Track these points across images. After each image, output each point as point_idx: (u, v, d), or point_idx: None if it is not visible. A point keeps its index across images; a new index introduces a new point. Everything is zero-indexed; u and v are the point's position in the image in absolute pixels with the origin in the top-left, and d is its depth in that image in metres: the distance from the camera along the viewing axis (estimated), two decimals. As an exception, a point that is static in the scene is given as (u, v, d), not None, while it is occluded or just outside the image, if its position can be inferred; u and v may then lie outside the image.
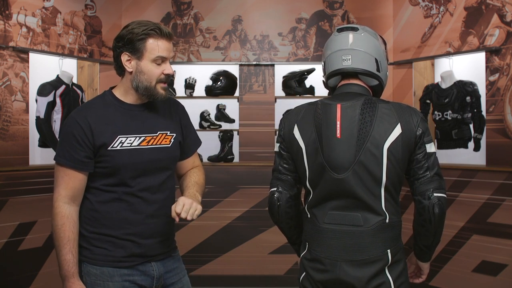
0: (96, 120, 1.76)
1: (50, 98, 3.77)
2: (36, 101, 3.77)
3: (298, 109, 1.77)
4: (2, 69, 3.56)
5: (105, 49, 4.38)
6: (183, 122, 1.95)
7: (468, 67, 3.93)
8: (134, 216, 1.78)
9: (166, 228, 1.85)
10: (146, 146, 1.80)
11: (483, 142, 3.75)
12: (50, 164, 3.89)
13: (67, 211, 1.73)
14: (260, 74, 4.54)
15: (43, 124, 3.74)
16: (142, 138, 1.79)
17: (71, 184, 1.74)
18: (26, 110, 3.75)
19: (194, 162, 2.01)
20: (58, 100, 3.83)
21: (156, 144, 1.82)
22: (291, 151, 1.74)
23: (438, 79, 4.11)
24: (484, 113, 3.73)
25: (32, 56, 3.79)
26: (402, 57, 4.35)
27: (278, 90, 4.55)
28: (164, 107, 1.90)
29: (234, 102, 4.58)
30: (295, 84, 4.42)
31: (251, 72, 4.54)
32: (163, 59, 1.77)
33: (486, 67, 3.68)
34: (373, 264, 1.61)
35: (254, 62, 4.53)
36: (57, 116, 3.86)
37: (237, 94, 4.55)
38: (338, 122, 1.63)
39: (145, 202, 1.79)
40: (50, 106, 3.78)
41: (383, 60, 1.74)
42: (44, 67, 3.91)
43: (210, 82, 4.47)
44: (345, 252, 1.63)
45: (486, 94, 3.70)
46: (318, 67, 4.38)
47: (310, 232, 1.72)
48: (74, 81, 4.12)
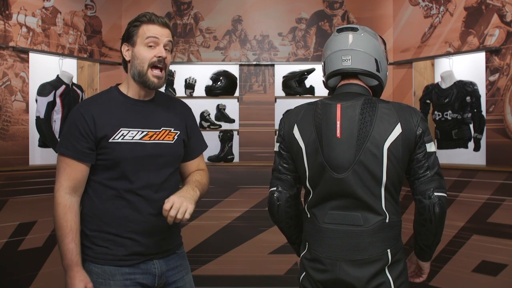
0: (99, 112, 1.77)
1: (50, 98, 3.77)
2: (36, 101, 3.77)
3: (298, 109, 1.77)
4: (2, 69, 3.56)
5: (105, 49, 4.38)
6: (189, 123, 1.95)
7: (468, 67, 3.93)
8: (135, 214, 1.77)
9: (169, 226, 1.82)
10: (148, 140, 1.80)
11: (483, 142, 3.75)
12: (50, 164, 3.92)
13: (69, 201, 1.73)
14: (260, 74, 4.54)
15: (43, 124, 3.74)
16: (145, 133, 1.80)
17: (73, 175, 1.75)
18: (26, 110, 3.75)
19: (199, 165, 2.00)
20: (58, 100, 3.84)
21: (158, 139, 1.82)
22: (291, 151, 1.74)
23: (438, 79, 4.11)
24: (484, 113, 3.73)
25: (32, 56, 3.79)
26: (402, 57, 4.35)
27: (278, 90, 4.55)
28: (170, 106, 1.91)
29: (234, 102, 4.58)
30: (295, 84, 4.42)
31: (251, 72, 4.54)
32: (155, 42, 1.78)
33: (486, 67, 3.68)
34: (373, 264, 1.61)
35: (254, 62, 4.53)
36: (57, 116, 3.86)
37: (237, 94, 4.55)
38: (338, 122, 1.63)
39: (146, 201, 1.78)
40: (50, 106, 3.78)
41: (383, 60, 1.75)
42: (44, 67, 3.91)
43: (210, 82, 4.47)
44: (345, 252, 1.63)
45: (486, 94, 3.70)
46: (318, 67, 4.38)
47: (310, 232, 1.72)
48: (74, 81, 4.12)
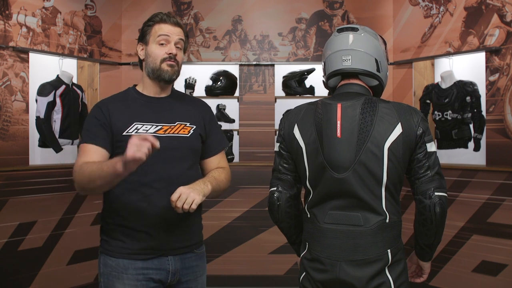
0: (116, 108, 1.83)
1: (50, 98, 3.77)
2: (36, 101, 3.77)
3: (298, 109, 1.77)
4: (2, 69, 3.56)
5: (105, 49, 4.38)
6: (207, 120, 1.96)
7: (468, 67, 3.93)
8: (150, 207, 1.78)
9: (186, 222, 1.83)
10: (163, 134, 1.81)
11: (483, 142, 3.75)
12: (50, 164, 3.92)
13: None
14: (260, 74, 4.54)
15: (43, 124, 3.74)
16: (159, 127, 1.82)
17: (90, 156, 1.75)
18: (26, 110, 3.75)
19: (220, 162, 2.00)
20: (58, 100, 3.84)
21: (173, 133, 1.84)
22: (291, 151, 1.74)
23: (438, 79, 4.11)
24: (484, 113, 3.73)
25: (32, 56, 3.79)
26: (402, 57, 4.35)
27: (278, 90, 4.55)
28: (187, 102, 1.94)
29: (234, 102, 4.58)
30: (295, 84, 4.42)
31: (251, 72, 4.54)
32: (166, 40, 1.84)
33: (486, 67, 3.69)
34: (373, 264, 1.61)
35: (254, 62, 4.53)
36: (57, 116, 3.86)
37: (237, 94, 4.55)
38: (338, 122, 1.63)
39: (161, 194, 1.77)
40: (50, 106, 3.78)
41: (383, 60, 1.74)
42: (44, 67, 3.91)
43: (210, 82, 4.47)
44: (345, 252, 1.62)
45: (486, 94, 3.70)
46: (318, 67, 4.38)
47: (310, 232, 1.72)
48: (74, 81, 4.12)
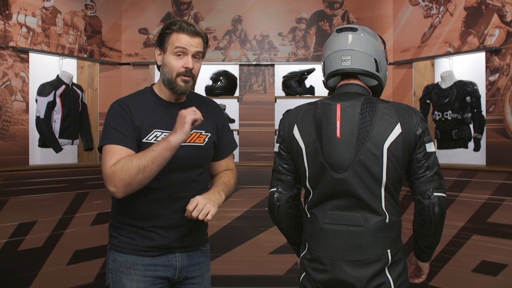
0: (136, 110, 1.81)
1: (50, 98, 3.77)
2: (36, 101, 3.77)
3: (298, 109, 1.77)
4: (2, 69, 3.56)
5: (105, 49, 4.38)
6: (220, 124, 1.98)
7: (468, 67, 3.93)
8: (161, 211, 1.82)
9: (195, 222, 1.84)
10: None
11: (483, 142, 3.75)
12: (50, 164, 3.92)
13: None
14: (260, 74, 4.54)
15: (43, 124, 3.74)
16: None
17: (118, 157, 1.71)
18: (26, 110, 3.75)
19: (228, 164, 2.03)
20: (58, 100, 3.84)
21: (189, 142, 1.85)
22: (291, 151, 1.74)
23: (438, 79, 4.11)
24: (484, 113, 3.73)
25: (32, 56, 3.79)
26: (402, 57, 4.35)
27: (278, 90, 4.55)
28: (202, 108, 1.91)
29: (234, 102, 4.58)
30: (295, 84, 4.42)
31: (251, 72, 4.54)
32: (184, 52, 1.82)
33: (486, 67, 3.68)
34: (373, 264, 1.61)
35: (254, 62, 4.53)
36: (57, 116, 3.86)
37: (237, 94, 4.55)
38: (338, 122, 1.63)
39: (172, 198, 1.82)
40: (50, 106, 3.78)
41: (383, 60, 1.74)
42: (44, 67, 3.91)
43: (210, 82, 4.47)
44: (345, 252, 1.62)
45: (486, 94, 3.70)
46: (318, 67, 4.38)
47: (310, 232, 1.72)
48: (74, 81, 4.12)
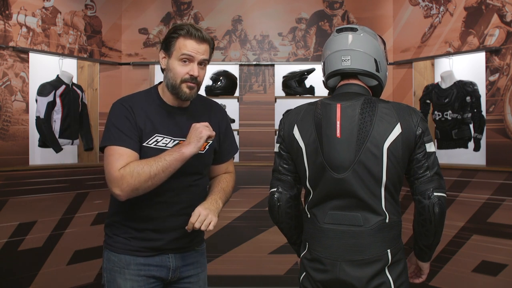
0: (139, 112, 1.80)
1: (50, 98, 3.77)
2: (36, 101, 3.77)
3: (298, 109, 1.77)
4: (2, 69, 3.56)
5: (105, 49, 4.38)
6: (222, 129, 1.97)
7: (468, 67, 3.93)
8: (158, 214, 1.82)
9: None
10: None
11: (483, 142, 3.75)
12: (50, 164, 3.92)
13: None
14: (260, 74, 4.54)
15: (43, 124, 3.74)
16: (177, 142, 1.82)
17: (125, 159, 1.70)
18: (26, 110, 3.75)
19: (228, 168, 2.03)
20: (58, 100, 3.84)
21: None
22: (291, 151, 1.74)
23: (438, 79, 4.11)
24: (484, 113, 3.73)
25: (32, 56, 3.79)
26: (402, 57, 4.35)
27: (278, 90, 4.55)
28: (204, 112, 1.91)
29: (234, 102, 4.58)
30: (295, 84, 4.42)
31: (251, 72, 4.54)
32: (190, 59, 1.79)
33: (486, 67, 3.68)
34: (373, 264, 1.61)
35: (254, 62, 4.53)
36: (57, 116, 3.86)
37: (237, 94, 4.55)
38: (338, 122, 1.63)
39: (169, 203, 1.83)
40: (50, 106, 3.78)
41: (383, 60, 1.74)
42: (44, 67, 3.91)
43: (210, 82, 4.47)
44: (345, 252, 1.63)
45: (486, 94, 3.70)
46: (318, 67, 4.38)
47: (310, 232, 1.72)
48: (74, 81, 4.12)
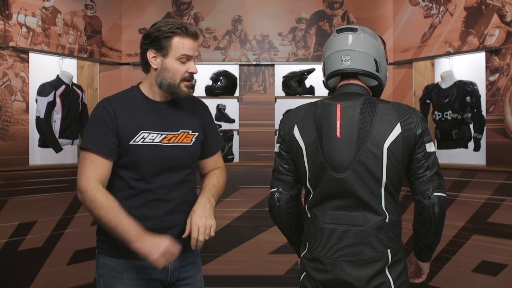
0: (122, 112, 1.79)
1: (50, 98, 3.77)
2: (36, 101, 3.77)
3: (298, 109, 1.78)
4: (2, 69, 3.56)
5: (105, 49, 4.39)
6: (206, 122, 1.97)
7: (468, 67, 3.93)
8: (151, 213, 1.80)
9: (185, 224, 1.84)
10: (167, 143, 1.82)
11: (483, 142, 3.75)
12: (50, 164, 3.92)
13: (103, 189, 1.73)
14: (260, 74, 4.54)
15: (43, 124, 3.74)
16: (164, 136, 1.82)
17: (100, 171, 1.74)
18: (26, 110, 3.75)
19: (216, 162, 2.02)
20: (58, 100, 3.84)
21: (177, 142, 1.84)
22: (291, 151, 1.74)
23: (438, 79, 4.11)
24: (484, 113, 3.73)
25: (32, 56, 3.79)
26: (402, 57, 4.35)
27: (278, 90, 4.55)
28: (188, 106, 1.92)
29: (234, 102, 4.58)
30: (295, 84, 4.42)
31: (251, 72, 4.54)
32: (188, 58, 1.80)
33: (486, 67, 3.68)
34: (373, 264, 1.61)
35: (254, 62, 4.53)
36: (57, 116, 3.86)
37: (237, 94, 4.55)
38: (338, 122, 1.63)
39: (163, 200, 1.81)
40: (50, 106, 3.78)
41: (383, 60, 1.75)
42: (44, 67, 3.91)
43: (210, 82, 4.47)
44: (345, 252, 1.63)
45: (486, 94, 3.70)
46: (318, 67, 4.38)
47: (310, 232, 1.72)
48: (74, 81, 4.12)
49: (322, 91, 4.35)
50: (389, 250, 1.63)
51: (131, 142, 1.77)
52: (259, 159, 4.47)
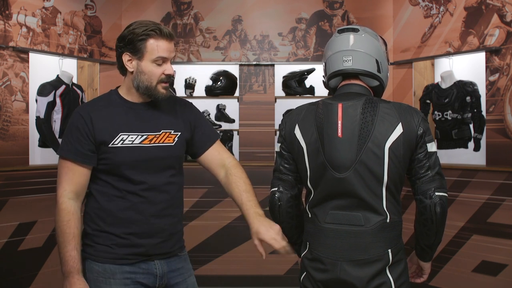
0: (99, 117, 1.77)
1: (50, 98, 3.77)
2: (36, 101, 3.77)
3: (299, 109, 1.78)
4: (2, 69, 3.56)
5: (105, 49, 4.38)
6: (192, 119, 1.93)
7: (468, 67, 3.93)
8: (137, 216, 1.78)
9: (171, 228, 1.84)
10: (148, 144, 1.80)
11: (483, 142, 3.75)
12: (50, 164, 3.92)
13: (73, 207, 1.73)
14: (260, 74, 4.54)
15: (43, 124, 3.74)
16: (145, 137, 1.80)
17: (76, 179, 1.75)
18: (26, 110, 3.75)
19: (220, 152, 1.97)
20: (58, 100, 3.83)
21: (158, 142, 1.82)
22: (292, 151, 1.75)
23: (438, 79, 4.11)
24: (484, 113, 3.73)
25: (32, 56, 3.79)
26: (402, 57, 4.35)
27: (278, 90, 4.55)
28: (169, 106, 1.89)
29: (234, 102, 4.58)
30: (295, 84, 4.42)
31: (251, 72, 4.54)
32: (164, 60, 1.77)
33: (486, 67, 3.69)
34: (374, 264, 1.61)
35: (254, 62, 4.53)
36: (57, 116, 3.86)
37: (237, 94, 4.55)
38: (339, 122, 1.63)
39: (148, 202, 1.79)
40: (50, 106, 3.78)
41: (384, 60, 1.75)
42: (44, 67, 3.91)
43: (210, 82, 4.47)
44: (346, 252, 1.63)
45: (486, 94, 3.70)
46: (318, 67, 4.38)
47: (311, 231, 1.72)
48: (74, 81, 4.12)
49: (322, 91, 4.35)
50: (389, 250, 1.63)
51: (111, 145, 1.75)
52: (259, 159, 4.47)
